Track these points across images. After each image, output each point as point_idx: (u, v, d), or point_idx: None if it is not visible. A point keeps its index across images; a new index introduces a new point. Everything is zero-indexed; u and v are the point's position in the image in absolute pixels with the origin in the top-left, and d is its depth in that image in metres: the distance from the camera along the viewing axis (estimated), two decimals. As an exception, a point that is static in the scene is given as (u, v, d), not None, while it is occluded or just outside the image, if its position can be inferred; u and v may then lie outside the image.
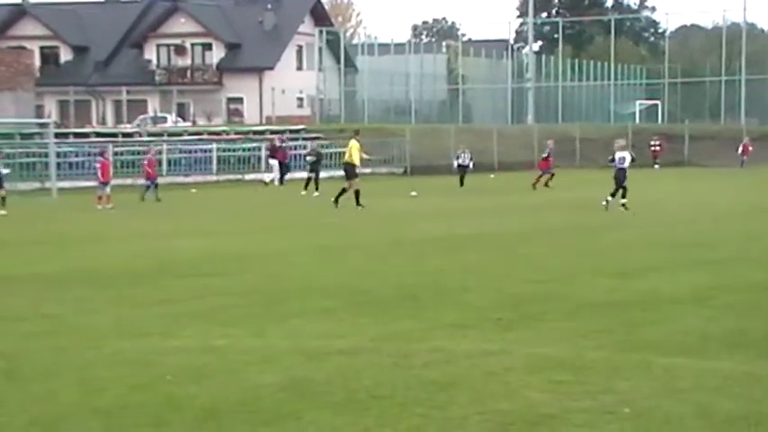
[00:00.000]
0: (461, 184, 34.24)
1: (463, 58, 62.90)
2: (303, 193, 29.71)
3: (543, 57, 66.05)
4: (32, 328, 9.36)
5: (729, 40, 59.74)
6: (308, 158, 33.67)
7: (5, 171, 22.09)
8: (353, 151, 25.17)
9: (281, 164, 37.96)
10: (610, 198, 22.76)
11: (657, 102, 63.18)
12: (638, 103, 64.07)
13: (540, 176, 32.85)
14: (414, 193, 30.16)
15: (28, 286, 12.03)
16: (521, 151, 48.74)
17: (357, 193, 24.50)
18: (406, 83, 59.35)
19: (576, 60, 65.88)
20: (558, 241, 16.61)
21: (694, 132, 51.83)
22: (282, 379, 7.15)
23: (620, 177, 22.73)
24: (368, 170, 42.55)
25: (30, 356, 8.10)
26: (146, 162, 30.03)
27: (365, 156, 26.64)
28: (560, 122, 58.69)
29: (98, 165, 27.31)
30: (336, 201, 24.62)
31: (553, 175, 32.93)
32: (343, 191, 24.82)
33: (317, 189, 30.77)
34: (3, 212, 20.31)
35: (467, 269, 13.16)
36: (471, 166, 35.27)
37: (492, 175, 43.20)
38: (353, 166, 25.06)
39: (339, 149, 41.88)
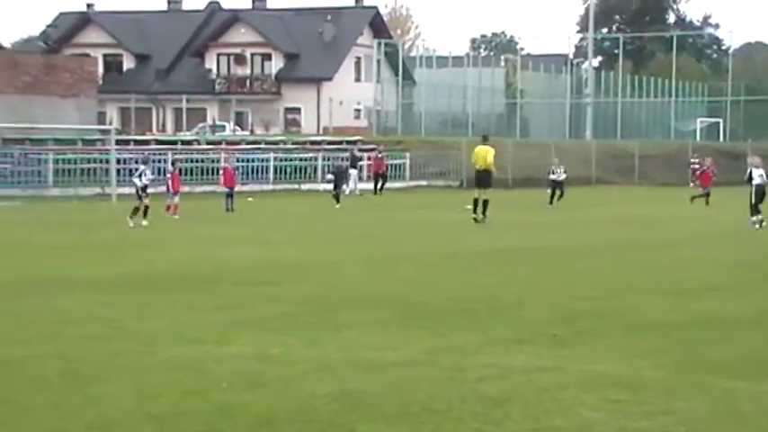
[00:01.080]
0: (551, 200, 31.83)
1: (522, 72, 62.62)
2: (337, 206, 29.36)
3: (603, 72, 65.50)
4: (90, 331, 9.50)
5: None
6: (328, 177, 33.16)
7: (148, 179, 21.74)
8: (490, 156, 23.20)
9: (378, 174, 38.87)
10: (756, 218, 21.75)
11: (719, 119, 62.24)
12: (698, 120, 63.17)
13: (705, 194, 31.52)
14: (469, 207, 30.01)
15: (87, 290, 12.21)
16: (578, 166, 48.27)
17: (486, 204, 23.01)
18: (464, 96, 59.24)
19: (636, 76, 65.23)
20: (615, 257, 16.41)
21: (757, 151, 50.87)
22: (336, 389, 7.15)
23: (759, 193, 21.96)
24: (424, 182, 42.64)
25: (87, 359, 8.21)
26: (222, 171, 29.54)
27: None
28: (619, 138, 58.10)
29: (168, 175, 27.09)
30: (484, 213, 22.90)
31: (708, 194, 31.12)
32: (486, 203, 23.07)
33: (338, 201, 30.10)
34: (144, 223, 20.48)
35: (521, 283, 13.06)
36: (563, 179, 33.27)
37: (549, 190, 42.84)
38: (490, 172, 23.19)
39: (397, 161, 42.04)
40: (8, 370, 7.78)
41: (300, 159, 40.73)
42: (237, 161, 38.96)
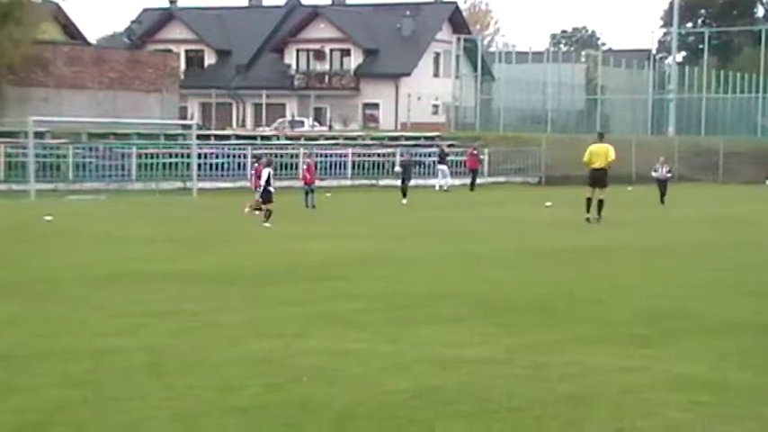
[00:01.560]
0: (662, 200, 30.90)
1: (603, 68, 61.78)
2: (404, 201, 29.11)
3: (687, 67, 64.22)
4: (173, 324, 9.69)
5: None
6: (397, 169, 32.99)
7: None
8: (612, 155, 22.51)
9: (473, 171, 39.16)
10: None
11: (809, 116, 60.46)
12: (788, 116, 61.46)
13: None
14: (548, 204, 29.79)
15: (170, 283, 12.46)
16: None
17: (601, 204, 22.31)
18: (543, 92, 58.68)
19: (722, 72, 63.78)
20: (701, 256, 16.09)
21: None
22: (415, 386, 7.16)
23: None
24: (502, 179, 42.38)
25: (171, 352, 8.38)
26: (305, 167, 29.31)
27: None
28: (703, 135, 56.92)
29: (253, 171, 26.80)
30: (599, 213, 22.32)
31: None
32: (601, 203, 22.41)
33: (404, 195, 29.83)
34: (267, 225, 20.83)
35: (601, 281, 12.91)
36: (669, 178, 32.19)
37: (629, 188, 42.25)
38: (607, 171, 22.38)
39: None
40: (97, 361, 7.99)
41: (378, 155, 40.86)
42: (316, 156, 39.36)
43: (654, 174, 32.42)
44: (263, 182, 21.92)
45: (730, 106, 62.03)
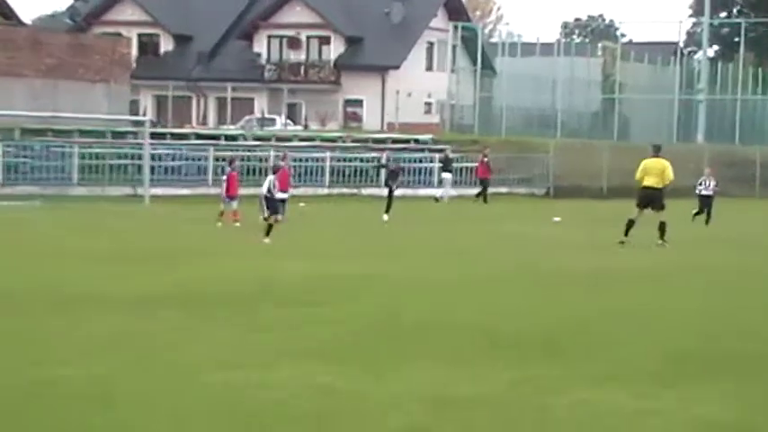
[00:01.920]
0: (707, 220, 30.46)
1: (622, 63, 62.19)
2: (385, 218, 28.73)
3: (719, 64, 64.67)
4: (125, 352, 9.74)
5: None
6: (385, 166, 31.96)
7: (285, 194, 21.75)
8: (670, 172, 22.15)
9: (483, 180, 39.52)
10: None
11: None
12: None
13: None
14: (557, 219, 29.95)
15: (122, 306, 12.50)
16: (688, 175, 47.67)
17: (663, 227, 22.08)
18: (553, 90, 59.00)
19: (760, 69, 64.25)
20: (733, 287, 16.19)
21: None
22: (404, 426, 7.24)
23: None
24: (504, 190, 42.59)
25: (123, 383, 8.44)
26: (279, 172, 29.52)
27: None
28: (737, 143, 57.32)
29: (224, 177, 26.76)
30: (662, 237, 22.11)
31: None
32: (663, 226, 22.14)
33: (387, 211, 28.71)
34: (267, 241, 20.86)
35: (618, 312, 13.01)
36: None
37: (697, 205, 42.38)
38: (661, 192, 22.07)
39: (470, 164, 42.08)
40: (39, 392, 8.03)
41: (361, 160, 41.00)
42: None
43: (700, 189, 31.67)
44: (264, 190, 21.69)
45: (769, 110, 62.47)
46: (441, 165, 40.14)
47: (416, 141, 44.68)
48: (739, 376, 9.37)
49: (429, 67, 62.53)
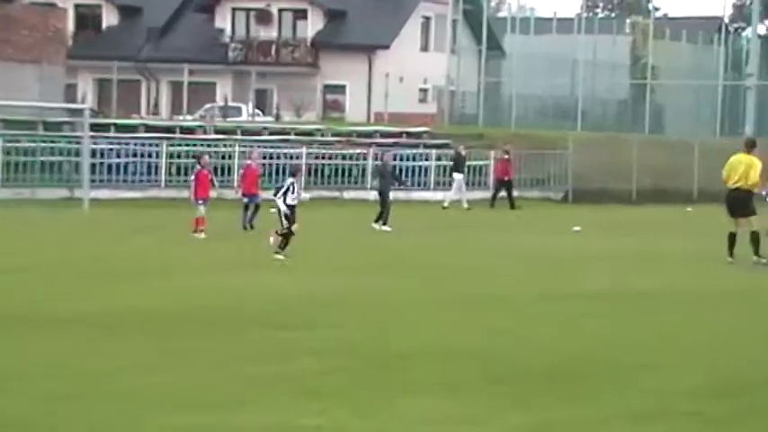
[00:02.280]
0: None
1: (655, 42, 62.32)
2: (375, 226, 28.62)
3: (772, 43, 64.94)
4: (60, 388, 9.74)
5: None
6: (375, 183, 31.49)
7: (297, 198, 21.39)
8: (755, 172, 21.51)
9: (503, 182, 39.94)
10: None
11: None
12: None
13: None
14: (577, 228, 30.04)
15: (62, 332, 12.50)
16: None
17: (756, 238, 21.54)
18: (572, 74, 59.11)
19: (822, 49, 64.45)
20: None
21: None
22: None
23: None
24: (515, 193, 42.63)
25: (53, 426, 8.46)
26: (243, 171, 29.14)
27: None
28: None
29: (192, 176, 26.74)
30: (757, 253, 21.57)
31: None
32: (756, 237, 21.45)
33: (384, 221, 28.68)
34: (280, 257, 20.76)
35: (649, 337, 13.07)
36: None
37: (689, 208, 42.63)
38: (751, 194, 21.65)
39: (477, 162, 42.11)
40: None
41: (343, 157, 41.00)
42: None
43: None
44: (278, 199, 21.14)
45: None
46: (452, 164, 40.20)
47: (409, 135, 44.69)
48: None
49: (425, 47, 62.56)
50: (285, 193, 21.20)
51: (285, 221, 21.16)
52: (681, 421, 9.07)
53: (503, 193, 40.14)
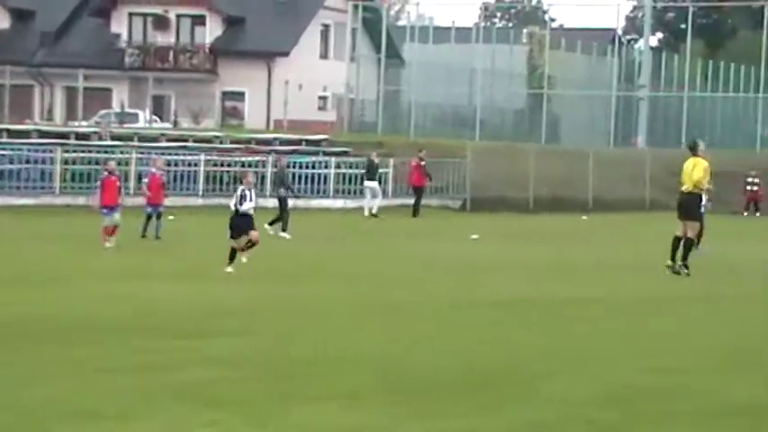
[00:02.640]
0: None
1: (551, 53, 63.06)
2: (270, 230, 28.51)
3: (664, 55, 66.12)
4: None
5: None
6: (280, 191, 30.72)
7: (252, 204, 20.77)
8: (699, 172, 21.55)
9: (418, 189, 40.34)
10: None
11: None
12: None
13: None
14: (475, 236, 30.19)
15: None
16: (626, 185, 48.61)
17: (688, 244, 21.55)
18: (471, 83, 59.56)
19: (711, 62, 65.78)
20: (691, 315, 16.48)
21: None
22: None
23: None
24: (411, 201, 42.75)
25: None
26: (147, 180, 28.59)
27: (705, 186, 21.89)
28: (684, 147, 58.44)
29: (98, 183, 26.22)
30: (684, 259, 21.42)
31: None
32: (688, 244, 21.74)
33: (283, 227, 28.79)
34: (244, 260, 20.22)
35: (553, 347, 13.11)
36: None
37: (584, 217, 43.17)
38: (697, 197, 21.71)
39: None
40: None
41: (242, 165, 40.79)
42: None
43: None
44: (236, 202, 20.58)
45: (721, 109, 63.95)
46: (365, 171, 40.36)
47: (309, 142, 44.64)
48: (694, 420, 9.47)
49: (324, 55, 62.53)
50: (241, 201, 20.66)
51: (230, 231, 20.67)
52: (577, 429, 9.05)
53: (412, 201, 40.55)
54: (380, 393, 10.21)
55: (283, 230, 28.53)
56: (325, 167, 42.43)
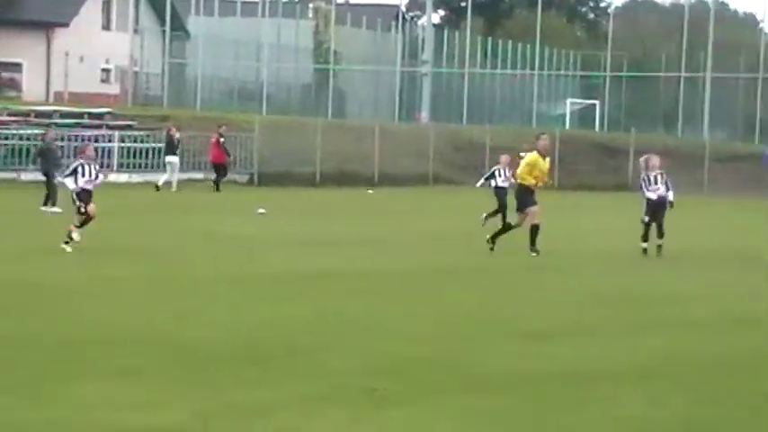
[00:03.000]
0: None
1: (337, 28, 63.36)
2: (43, 209, 28.08)
3: (446, 32, 67.11)
4: None
5: (693, 23, 62.01)
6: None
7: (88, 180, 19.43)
8: (526, 166, 21.49)
9: (219, 166, 39.94)
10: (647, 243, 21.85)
11: (595, 102, 65.01)
12: (569, 101, 65.74)
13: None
14: (262, 211, 30.16)
15: None
16: (411, 159, 49.32)
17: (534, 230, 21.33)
18: (257, 57, 59.37)
19: (490, 39, 67.11)
20: (458, 287, 16.90)
21: (642, 146, 53.54)
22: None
23: (655, 209, 21.84)
24: (200, 175, 42.45)
25: None
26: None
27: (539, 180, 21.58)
28: (465, 123, 59.67)
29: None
30: (495, 236, 21.76)
31: None
32: (506, 228, 22.21)
33: (53, 202, 28.16)
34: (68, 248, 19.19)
35: (330, 319, 13.28)
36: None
37: (370, 191, 43.62)
38: (528, 189, 21.44)
39: (161, 144, 41.66)
40: None
41: (20, 138, 39.73)
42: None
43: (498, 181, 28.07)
44: (70, 174, 19.92)
45: (500, 86, 65.43)
46: (165, 146, 39.90)
47: (91, 116, 43.77)
48: (463, 387, 9.76)
49: (106, 26, 61.24)
50: (74, 174, 19.96)
51: (78, 201, 19.93)
52: (355, 399, 9.25)
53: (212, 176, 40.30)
54: (164, 368, 10.21)
55: (53, 204, 27.98)
56: (109, 141, 41.69)
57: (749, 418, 9.08)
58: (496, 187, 26.68)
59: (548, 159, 21.80)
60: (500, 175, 26.80)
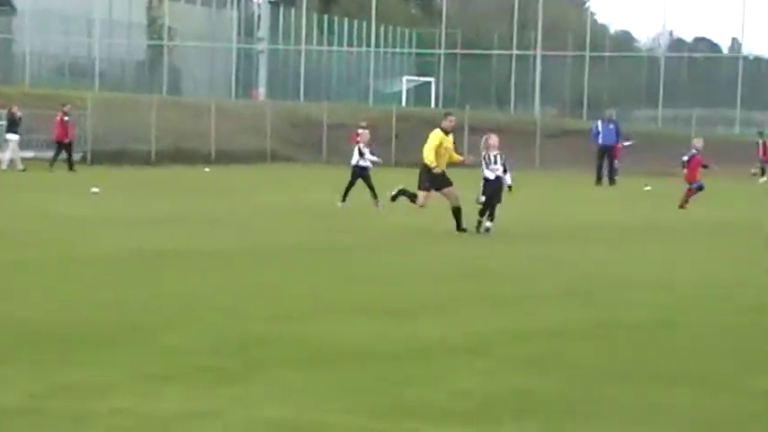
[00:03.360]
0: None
1: (171, 4, 62.68)
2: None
3: (281, 9, 66.98)
4: None
5: (524, 2, 63.17)
6: None
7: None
8: (432, 144, 21.70)
9: (62, 144, 39.60)
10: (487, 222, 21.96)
11: (431, 79, 65.72)
12: (405, 79, 66.31)
13: (689, 191, 29.19)
14: (95, 190, 29.72)
15: None
16: (248, 137, 49.17)
17: (456, 213, 21.67)
18: (89, 33, 58.30)
19: (326, 17, 67.26)
20: (303, 265, 16.90)
21: (476, 122, 54.37)
22: None
23: (493, 190, 21.82)
24: (30, 154, 41.57)
25: None
26: None
27: (459, 158, 22.33)
28: (302, 101, 59.71)
29: None
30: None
31: (701, 188, 29.24)
32: (410, 196, 22.48)
33: None
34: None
35: (170, 299, 13.14)
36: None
37: (207, 169, 43.33)
38: (425, 168, 21.75)
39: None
40: None
41: None
42: None
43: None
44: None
45: (336, 64, 65.66)
46: (7, 124, 39.38)
47: None
48: (306, 364, 9.75)
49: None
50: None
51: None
52: (194, 378, 9.17)
53: (62, 156, 39.78)
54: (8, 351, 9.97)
55: None
56: (20, 121, 40.67)
57: (580, 390, 9.27)
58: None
59: (451, 136, 22.02)
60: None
